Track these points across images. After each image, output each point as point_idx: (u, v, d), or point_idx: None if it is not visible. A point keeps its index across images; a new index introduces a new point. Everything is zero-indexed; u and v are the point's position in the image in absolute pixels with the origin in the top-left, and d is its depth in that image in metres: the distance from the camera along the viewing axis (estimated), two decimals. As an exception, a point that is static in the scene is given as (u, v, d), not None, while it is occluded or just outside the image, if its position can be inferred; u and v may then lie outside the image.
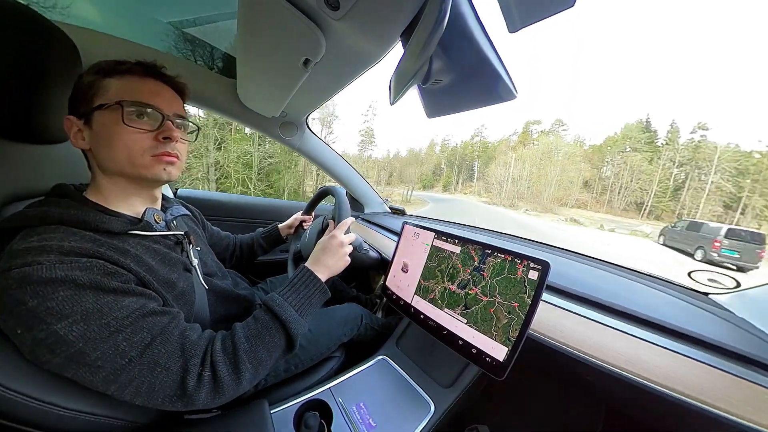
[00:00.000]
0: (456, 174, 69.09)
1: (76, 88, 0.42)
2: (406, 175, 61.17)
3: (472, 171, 68.02)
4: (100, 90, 0.40)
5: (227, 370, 0.38)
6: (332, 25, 0.51)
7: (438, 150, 77.89)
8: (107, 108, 0.39)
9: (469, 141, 73.93)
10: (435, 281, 0.65)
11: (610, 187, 43.24)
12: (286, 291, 0.49)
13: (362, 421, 0.54)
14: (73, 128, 0.41)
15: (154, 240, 0.45)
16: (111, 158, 0.41)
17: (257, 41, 0.61)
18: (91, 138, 0.41)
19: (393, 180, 66.86)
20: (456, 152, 73.33)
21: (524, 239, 1.03)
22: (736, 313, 0.54)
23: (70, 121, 0.41)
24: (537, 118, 67.94)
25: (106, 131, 0.40)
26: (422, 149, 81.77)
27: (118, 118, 0.39)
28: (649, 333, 0.47)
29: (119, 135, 0.40)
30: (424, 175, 71.63)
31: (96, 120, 0.40)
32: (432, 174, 74.41)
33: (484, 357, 0.51)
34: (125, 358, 0.32)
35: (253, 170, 12.49)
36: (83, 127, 0.41)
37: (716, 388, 0.38)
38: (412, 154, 76.24)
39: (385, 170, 59.88)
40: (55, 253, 0.32)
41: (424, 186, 70.67)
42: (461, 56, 0.44)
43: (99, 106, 0.40)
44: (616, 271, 0.74)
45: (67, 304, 0.30)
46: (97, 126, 0.40)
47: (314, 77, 0.73)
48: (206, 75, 0.99)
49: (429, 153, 78.11)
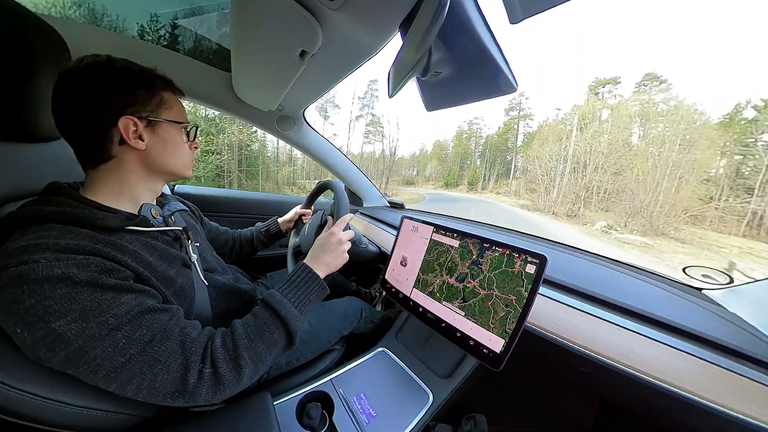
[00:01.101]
0: (487, 168, 52.45)
1: (120, 88, 0.42)
2: (429, 173, 56.18)
3: (512, 165, 47.12)
4: (165, 104, 0.47)
5: (228, 367, 0.38)
6: (329, 16, 0.50)
7: (470, 141, 60.75)
8: (181, 125, 0.50)
9: (505, 127, 52.79)
10: (434, 275, 0.65)
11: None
12: (286, 288, 0.49)
13: (363, 411, 0.56)
14: (130, 128, 0.42)
15: (151, 236, 0.45)
16: (171, 162, 0.49)
17: (252, 33, 0.59)
18: (153, 142, 0.46)
19: (417, 179, 59.03)
20: (490, 142, 55.01)
21: (522, 233, 1.04)
22: (728, 309, 0.55)
23: (128, 121, 0.42)
24: (610, 75, 40.09)
25: (174, 141, 0.49)
26: (448, 141, 66.78)
27: (182, 134, 0.51)
28: (643, 327, 0.48)
29: (182, 146, 0.51)
30: (451, 170, 59.80)
31: (164, 129, 0.47)
32: (458, 169, 59.52)
33: (481, 349, 0.52)
34: (125, 356, 0.32)
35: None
36: (144, 130, 0.44)
37: (707, 381, 0.39)
38: (438, 147, 66.28)
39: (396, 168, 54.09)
40: (51, 250, 0.31)
41: (447, 184, 58.60)
42: (461, 48, 0.43)
43: (177, 122, 0.48)
44: (613, 265, 0.75)
45: (65, 301, 0.30)
46: (165, 134, 0.47)
47: (311, 69, 0.71)
48: (200, 68, 0.97)
49: (457, 144, 62.59)
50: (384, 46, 0.58)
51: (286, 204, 1.42)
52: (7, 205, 0.46)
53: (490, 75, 0.46)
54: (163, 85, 0.47)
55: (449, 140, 68.14)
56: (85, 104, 0.40)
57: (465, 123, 63.00)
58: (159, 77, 0.47)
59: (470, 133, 63.48)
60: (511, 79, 0.46)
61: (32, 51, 0.44)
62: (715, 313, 0.53)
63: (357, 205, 1.57)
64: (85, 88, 0.40)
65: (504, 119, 53.86)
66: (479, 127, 62.85)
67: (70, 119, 0.41)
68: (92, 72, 0.40)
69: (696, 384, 0.39)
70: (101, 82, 0.41)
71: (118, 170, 0.44)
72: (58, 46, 0.48)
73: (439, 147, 68.26)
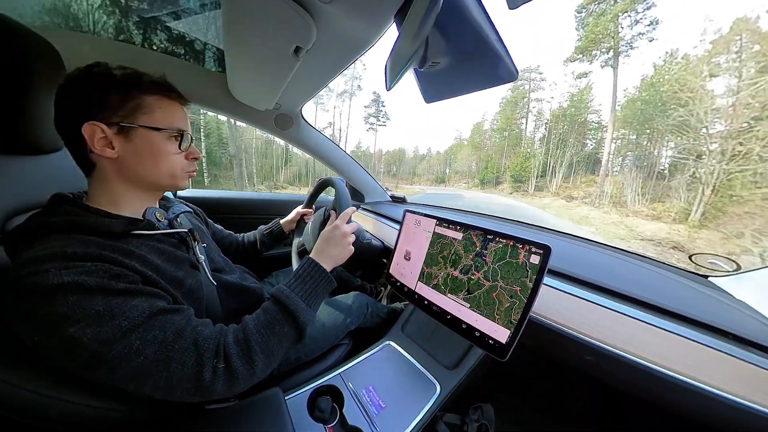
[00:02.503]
0: (550, 155, 29.17)
1: (93, 93, 0.40)
2: (460, 166, 41.73)
3: (606, 147, 21.85)
4: (143, 108, 0.43)
5: (241, 361, 0.39)
6: (322, 10, 0.49)
7: (520, 108, 35.97)
8: (162, 131, 0.44)
9: (581, 92, 28.67)
10: (438, 267, 0.65)
11: None
12: (293, 282, 0.50)
13: (372, 403, 0.57)
14: (96, 135, 0.40)
15: (158, 239, 0.45)
16: (152, 172, 0.46)
17: (244, 31, 0.58)
18: (126, 149, 0.42)
19: (451, 177, 46.51)
20: (557, 114, 30.77)
21: (525, 224, 1.03)
22: (735, 296, 0.54)
23: (94, 127, 0.40)
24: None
25: (153, 149, 0.44)
26: (487, 119, 43.70)
27: (167, 141, 0.45)
28: (649, 315, 0.48)
29: (167, 155, 0.46)
30: (491, 161, 40.72)
31: (140, 135, 0.43)
32: (500, 159, 38.64)
33: (487, 339, 0.52)
34: (140, 356, 0.33)
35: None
36: (114, 136, 0.41)
37: (714, 368, 0.39)
38: (476, 129, 46.05)
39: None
40: (59, 259, 0.32)
41: (484, 181, 40.56)
42: (459, 36, 0.42)
43: (155, 128, 0.43)
44: (618, 254, 0.74)
45: (78, 308, 0.31)
46: (141, 141, 0.43)
47: (306, 66, 0.70)
48: (194, 70, 0.96)
49: (504, 116, 38.37)
50: (380, 37, 0.57)
51: (289, 204, 1.43)
52: (15, 218, 0.46)
53: (490, 63, 0.45)
54: (148, 88, 0.43)
55: (489, 119, 43.32)
56: (62, 112, 0.41)
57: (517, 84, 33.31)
58: (144, 80, 0.43)
59: (517, 95, 34.80)
60: (511, 66, 0.45)
61: (27, 64, 0.44)
62: (721, 300, 0.53)
63: (359, 201, 1.57)
64: (64, 97, 0.41)
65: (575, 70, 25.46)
66: (536, 83, 33.98)
67: (57, 128, 0.42)
68: (72, 81, 0.41)
69: (702, 371, 0.39)
70: (76, 89, 0.40)
71: (102, 179, 0.44)
72: (52, 57, 0.48)
73: (478, 130, 46.11)
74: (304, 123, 1.23)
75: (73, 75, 0.40)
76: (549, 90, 36.72)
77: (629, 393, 0.49)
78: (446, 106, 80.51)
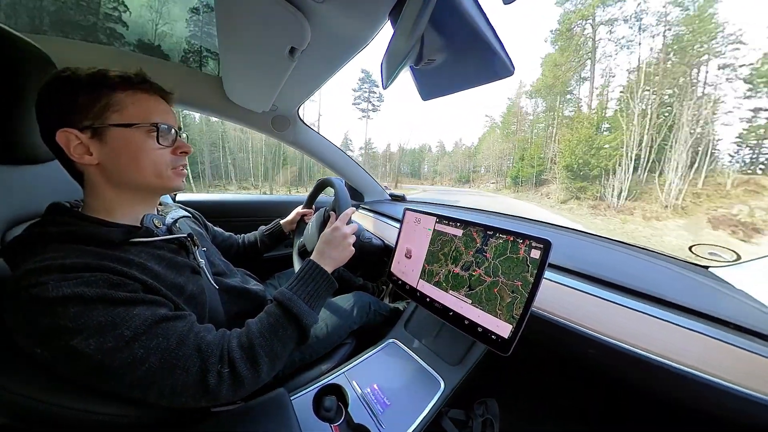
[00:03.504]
0: (658, 127, 12.25)
1: (61, 98, 0.39)
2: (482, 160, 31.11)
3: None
4: (113, 106, 0.40)
5: (245, 365, 0.39)
6: (316, 9, 0.49)
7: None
8: (135, 127, 0.41)
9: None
10: (439, 265, 0.66)
11: None
12: (295, 285, 0.50)
13: (377, 401, 0.57)
14: (72, 142, 0.38)
15: (157, 246, 0.45)
16: (135, 173, 0.43)
17: (238, 33, 0.58)
18: (104, 153, 0.40)
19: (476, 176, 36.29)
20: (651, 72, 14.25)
21: (525, 219, 1.03)
22: (735, 286, 0.54)
23: (68, 134, 0.38)
24: None
25: (131, 148, 0.41)
26: (526, 87, 30.75)
27: (144, 137, 0.42)
28: (650, 307, 0.48)
29: (147, 152, 0.42)
30: (529, 149, 26.14)
31: (113, 136, 0.40)
32: (537, 149, 23.73)
33: (489, 335, 0.52)
34: (144, 365, 0.33)
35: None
36: (89, 141, 0.39)
37: (716, 359, 0.39)
38: (511, 110, 32.76)
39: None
40: (57, 271, 0.32)
41: (516, 180, 27.17)
42: (454, 33, 0.42)
43: (127, 124, 0.40)
44: (617, 247, 0.74)
45: (79, 319, 0.31)
46: (116, 142, 0.40)
47: (302, 66, 0.70)
48: (190, 74, 0.96)
49: (549, 69, 22.17)
50: (374, 36, 0.57)
51: (288, 205, 1.43)
52: (15, 228, 0.46)
53: (486, 59, 0.44)
54: (116, 85, 0.40)
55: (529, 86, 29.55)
56: (40, 123, 0.40)
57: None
58: (111, 77, 0.40)
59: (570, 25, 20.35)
60: (507, 61, 0.45)
61: (20, 73, 0.43)
62: (722, 290, 0.53)
63: (358, 200, 1.57)
64: (38, 108, 0.39)
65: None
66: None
67: (43, 140, 0.41)
68: (43, 89, 0.39)
69: (704, 362, 0.39)
70: (46, 97, 0.39)
71: (93, 187, 0.43)
72: (44, 64, 0.48)
73: (513, 110, 32.23)
74: (302, 124, 1.23)
75: (44, 83, 0.39)
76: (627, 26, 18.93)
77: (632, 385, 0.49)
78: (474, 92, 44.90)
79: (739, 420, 0.38)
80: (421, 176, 61.70)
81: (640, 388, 0.47)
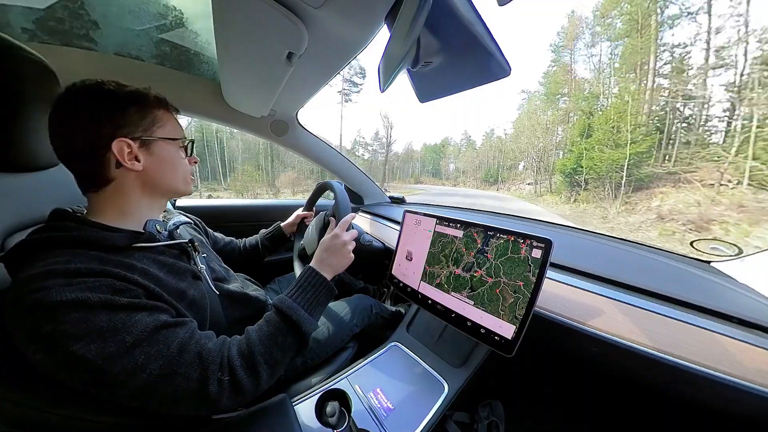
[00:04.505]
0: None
1: (116, 111, 0.41)
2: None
3: None
4: (158, 122, 0.47)
5: (245, 373, 0.39)
6: (312, 15, 0.49)
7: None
8: (174, 141, 0.49)
9: None
10: (440, 266, 0.65)
11: None
12: (295, 292, 0.50)
13: (380, 406, 0.57)
14: (125, 150, 0.42)
15: (159, 251, 0.45)
16: (171, 180, 0.50)
17: (236, 39, 0.58)
18: (150, 161, 0.45)
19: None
20: None
21: (525, 218, 1.03)
22: (738, 280, 0.54)
23: (123, 143, 0.42)
24: None
25: (171, 158, 0.49)
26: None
27: (178, 149, 0.50)
28: (653, 303, 0.48)
29: (180, 162, 0.51)
30: (578, 123, 14.35)
31: (160, 147, 0.47)
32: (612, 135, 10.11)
33: (492, 336, 0.52)
34: (145, 371, 0.32)
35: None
36: (138, 150, 0.44)
37: (720, 354, 0.39)
38: (553, 77, 22.19)
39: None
40: (61, 276, 0.32)
41: (570, 176, 13.59)
42: (450, 35, 0.42)
43: (172, 138, 0.48)
44: (619, 244, 0.74)
45: (81, 324, 0.31)
46: (162, 152, 0.47)
47: (300, 71, 0.70)
48: (188, 80, 0.97)
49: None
50: (371, 39, 0.57)
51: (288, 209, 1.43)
52: (15, 235, 0.46)
53: (482, 60, 0.45)
54: (155, 103, 0.47)
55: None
56: (77, 130, 0.40)
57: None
58: (150, 96, 0.46)
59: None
60: (503, 62, 0.45)
61: (20, 81, 0.44)
62: (725, 285, 0.53)
63: (358, 203, 1.57)
64: (77, 114, 0.40)
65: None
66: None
67: (66, 146, 0.41)
68: (82, 97, 0.40)
69: (709, 357, 0.39)
70: (91, 106, 0.40)
71: (119, 193, 0.44)
72: (44, 72, 0.48)
73: (556, 75, 22.37)
74: (300, 128, 1.23)
75: (81, 92, 0.40)
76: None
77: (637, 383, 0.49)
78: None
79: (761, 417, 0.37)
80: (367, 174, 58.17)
81: (645, 385, 0.47)
